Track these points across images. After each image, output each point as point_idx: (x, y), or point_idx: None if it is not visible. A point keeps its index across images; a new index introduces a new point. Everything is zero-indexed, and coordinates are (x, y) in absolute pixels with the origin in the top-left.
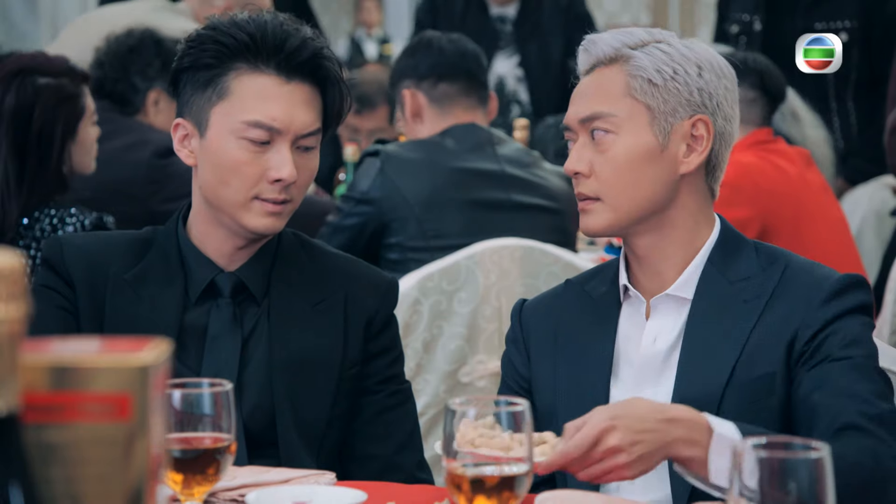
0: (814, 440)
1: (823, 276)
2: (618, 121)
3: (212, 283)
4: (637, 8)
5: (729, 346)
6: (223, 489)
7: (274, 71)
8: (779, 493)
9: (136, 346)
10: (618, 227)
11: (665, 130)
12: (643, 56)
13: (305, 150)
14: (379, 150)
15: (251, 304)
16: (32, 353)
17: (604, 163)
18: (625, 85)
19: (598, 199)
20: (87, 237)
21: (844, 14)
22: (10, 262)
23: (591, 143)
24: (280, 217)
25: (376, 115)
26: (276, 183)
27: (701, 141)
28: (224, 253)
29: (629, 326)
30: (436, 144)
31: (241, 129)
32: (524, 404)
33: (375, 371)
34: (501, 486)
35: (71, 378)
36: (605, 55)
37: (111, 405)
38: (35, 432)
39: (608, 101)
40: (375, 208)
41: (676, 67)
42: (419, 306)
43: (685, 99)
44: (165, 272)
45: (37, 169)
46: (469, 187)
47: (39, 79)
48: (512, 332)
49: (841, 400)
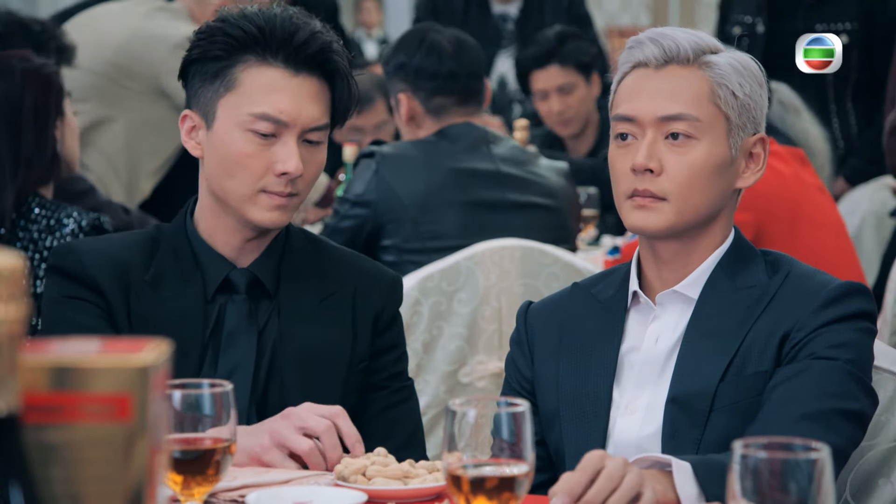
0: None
1: (823, 282)
2: (702, 126)
3: (226, 280)
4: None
5: (726, 344)
6: (223, 490)
7: (282, 64)
8: (778, 494)
9: (135, 347)
10: (675, 230)
11: (736, 144)
12: (726, 65)
13: (312, 144)
14: (374, 152)
15: (264, 298)
16: (32, 353)
17: (680, 165)
18: (710, 91)
19: (664, 200)
20: (96, 242)
21: (845, 16)
22: (10, 263)
23: (664, 141)
24: (286, 210)
25: (375, 111)
26: (283, 176)
27: (758, 159)
28: (234, 247)
29: (636, 331)
30: (431, 145)
31: (248, 121)
32: (524, 405)
33: (381, 367)
34: (501, 486)
35: (71, 378)
36: (684, 54)
37: (111, 406)
38: (35, 433)
39: (694, 105)
40: (371, 210)
41: (752, 83)
42: (419, 307)
43: (753, 116)
44: (180, 271)
45: (33, 149)
46: (465, 187)
47: (20, 63)
48: (516, 334)
49: (810, 393)
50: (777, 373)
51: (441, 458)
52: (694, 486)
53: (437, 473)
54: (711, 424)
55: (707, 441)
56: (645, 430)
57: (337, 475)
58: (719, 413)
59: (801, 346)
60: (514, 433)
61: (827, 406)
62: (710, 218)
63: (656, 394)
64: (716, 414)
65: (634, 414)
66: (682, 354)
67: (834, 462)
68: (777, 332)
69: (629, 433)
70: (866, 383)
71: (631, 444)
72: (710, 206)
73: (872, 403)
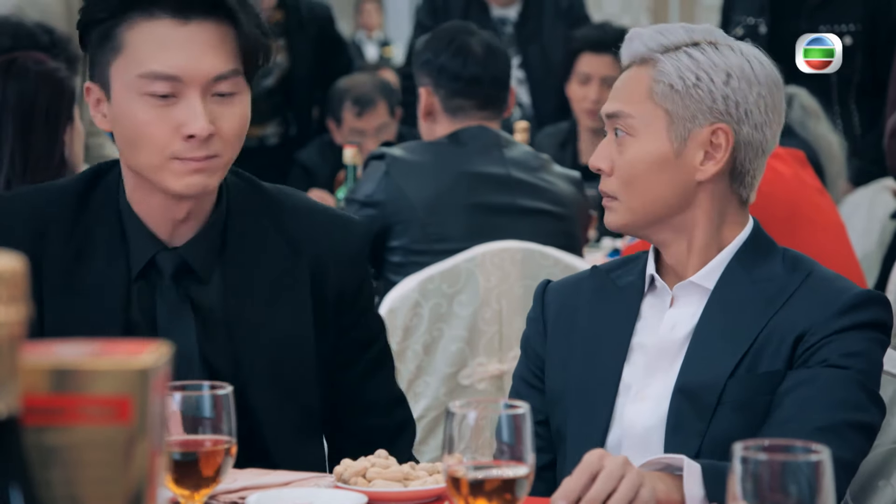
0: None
1: (843, 287)
2: (636, 123)
3: (152, 262)
4: (637, 10)
5: (739, 339)
6: (224, 492)
7: (169, 14)
8: (779, 496)
9: (136, 349)
10: (633, 227)
11: (682, 137)
12: (668, 61)
13: (224, 97)
14: (384, 153)
15: (199, 285)
16: (33, 355)
17: (621, 163)
18: (648, 88)
19: (615, 199)
20: (14, 197)
21: (849, 17)
22: (10, 265)
23: (614, 140)
24: (208, 175)
25: (377, 112)
26: (191, 139)
27: (719, 149)
28: (164, 224)
29: (651, 316)
30: (442, 147)
31: (141, 84)
32: (525, 407)
33: (349, 344)
34: (501, 489)
35: (71, 380)
36: (638, 55)
37: (111, 408)
38: (35, 435)
39: (631, 102)
40: (380, 211)
41: (700, 74)
42: (419, 308)
43: (707, 106)
44: (106, 245)
45: (43, 152)
46: (474, 191)
47: (34, 66)
48: (533, 312)
49: (823, 403)
50: (788, 376)
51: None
52: (701, 488)
53: (438, 475)
54: (717, 419)
55: (712, 435)
56: (654, 419)
57: (337, 477)
58: (726, 408)
59: (815, 350)
60: (514, 435)
61: (839, 418)
62: (678, 210)
63: (666, 383)
64: (723, 409)
65: (645, 401)
66: (694, 345)
67: (842, 475)
68: (792, 333)
69: (638, 420)
70: (876, 394)
71: (638, 432)
72: (662, 202)
73: (881, 414)
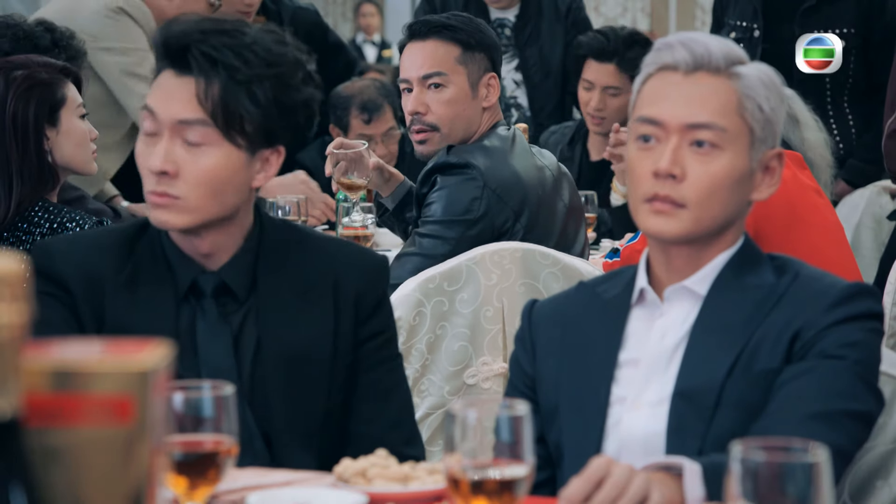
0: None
1: (832, 282)
2: (727, 137)
3: (195, 284)
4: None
5: (733, 340)
6: (225, 492)
7: (168, 65)
8: (777, 496)
9: (137, 349)
10: (691, 237)
11: (757, 157)
12: (755, 78)
13: (191, 146)
14: (470, 165)
15: (235, 302)
16: (34, 356)
17: (703, 174)
18: (738, 102)
19: (683, 207)
20: (73, 240)
21: (842, 20)
22: (11, 266)
23: (688, 148)
24: (168, 212)
25: (385, 118)
26: (152, 175)
27: (774, 173)
28: (195, 251)
29: (640, 328)
30: (508, 142)
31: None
32: (524, 407)
33: (366, 355)
34: (501, 489)
35: (73, 381)
36: (715, 62)
37: (112, 408)
38: (37, 435)
39: (721, 115)
40: (488, 222)
41: (776, 98)
42: (422, 308)
43: (775, 130)
44: (154, 272)
45: (22, 157)
46: (543, 185)
47: (14, 72)
48: (520, 331)
49: (818, 392)
50: (785, 370)
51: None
52: (702, 488)
53: (438, 475)
54: (717, 419)
55: (712, 436)
56: (651, 426)
57: (337, 477)
58: (725, 408)
59: (811, 344)
60: (514, 435)
61: (834, 406)
62: (725, 227)
63: (663, 389)
64: (722, 409)
65: (642, 409)
66: (690, 348)
67: (838, 463)
68: (788, 330)
69: (637, 428)
70: (873, 384)
71: (637, 440)
72: (726, 217)
73: (879, 404)
